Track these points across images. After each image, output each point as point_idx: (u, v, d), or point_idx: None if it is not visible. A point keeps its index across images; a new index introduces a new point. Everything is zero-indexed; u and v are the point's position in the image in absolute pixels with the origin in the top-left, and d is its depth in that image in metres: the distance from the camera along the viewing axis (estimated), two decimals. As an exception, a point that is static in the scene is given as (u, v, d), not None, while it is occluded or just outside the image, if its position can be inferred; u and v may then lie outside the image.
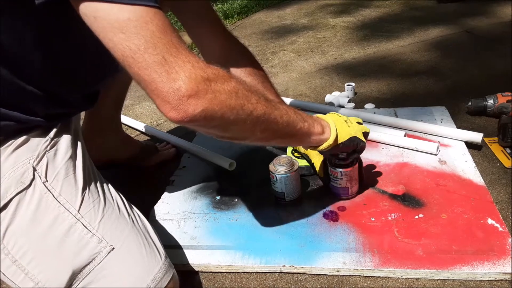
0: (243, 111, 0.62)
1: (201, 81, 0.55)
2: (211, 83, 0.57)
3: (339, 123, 0.82)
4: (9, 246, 0.65)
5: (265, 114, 0.65)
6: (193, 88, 0.55)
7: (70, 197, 0.69)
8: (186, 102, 0.55)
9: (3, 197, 0.66)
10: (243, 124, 0.64)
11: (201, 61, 0.57)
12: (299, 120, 0.73)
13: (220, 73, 0.59)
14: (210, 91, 0.57)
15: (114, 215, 0.72)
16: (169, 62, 0.54)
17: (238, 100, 0.61)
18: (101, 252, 0.66)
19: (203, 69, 0.56)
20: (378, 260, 0.78)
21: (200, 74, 0.56)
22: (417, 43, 1.86)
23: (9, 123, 0.69)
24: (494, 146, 1.07)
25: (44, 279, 0.65)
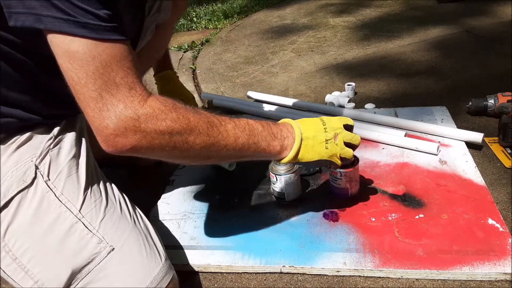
0: (178, 149, 0.64)
1: (129, 122, 0.58)
2: (141, 124, 0.59)
3: (309, 143, 0.75)
4: (10, 244, 0.66)
5: (206, 146, 0.66)
6: (120, 128, 0.58)
7: (72, 197, 0.69)
8: (114, 139, 0.59)
9: (5, 195, 0.66)
10: (182, 157, 0.67)
11: (137, 99, 0.59)
12: (252, 143, 0.71)
13: (155, 113, 0.60)
14: (138, 131, 0.59)
15: (115, 215, 0.72)
16: (104, 100, 0.57)
17: (171, 138, 0.62)
18: (101, 252, 0.66)
19: (135, 110, 0.58)
20: (379, 260, 0.78)
21: (130, 116, 0.58)
22: (418, 43, 1.86)
23: (11, 120, 0.69)
24: (495, 146, 1.07)
25: (44, 278, 0.65)
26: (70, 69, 0.57)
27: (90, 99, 0.57)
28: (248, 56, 2.05)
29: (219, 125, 0.67)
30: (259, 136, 0.72)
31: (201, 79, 1.88)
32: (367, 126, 1.21)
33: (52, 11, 0.55)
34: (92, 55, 0.57)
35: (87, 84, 0.57)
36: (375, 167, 1.05)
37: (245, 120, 0.72)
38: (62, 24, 0.55)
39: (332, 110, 1.33)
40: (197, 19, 2.88)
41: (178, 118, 0.62)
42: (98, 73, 0.57)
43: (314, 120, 0.78)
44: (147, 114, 0.59)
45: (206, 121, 0.66)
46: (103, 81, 0.57)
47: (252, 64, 1.94)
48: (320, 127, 0.76)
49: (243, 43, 2.26)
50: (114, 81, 0.58)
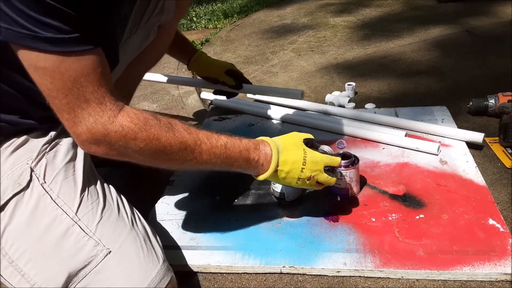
0: (148, 162, 0.68)
1: (99, 135, 0.61)
2: (111, 140, 0.62)
3: (282, 175, 0.77)
4: (6, 247, 0.65)
5: (176, 164, 0.70)
6: (92, 139, 0.61)
7: (68, 199, 0.69)
8: (87, 145, 0.63)
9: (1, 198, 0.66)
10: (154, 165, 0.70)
11: (107, 115, 0.60)
12: (225, 166, 0.74)
13: (124, 131, 0.62)
14: (108, 144, 0.62)
15: (112, 217, 0.71)
16: (76, 113, 0.60)
17: (141, 154, 0.65)
18: (98, 255, 0.66)
19: (105, 126, 0.61)
20: (379, 260, 0.78)
21: (99, 130, 0.61)
22: (418, 43, 1.86)
23: (4, 125, 0.69)
24: (495, 146, 1.07)
25: (40, 281, 0.64)
26: (41, 83, 0.58)
27: (63, 110, 0.60)
28: (248, 56, 2.05)
29: (193, 147, 0.68)
30: (234, 162, 0.73)
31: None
32: (367, 126, 1.20)
33: (11, 25, 0.53)
34: (60, 71, 0.57)
35: (58, 97, 0.58)
36: (375, 167, 1.04)
37: (224, 143, 0.72)
38: (24, 38, 0.54)
39: (332, 110, 1.32)
40: (197, 19, 2.87)
41: (148, 138, 0.64)
42: (67, 88, 0.58)
43: (297, 154, 0.77)
44: (116, 132, 0.62)
45: (179, 142, 0.67)
46: (73, 96, 0.58)
47: (252, 64, 1.94)
48: (298, 165, 0.76)
49: (243, 43, 2.26)
50: (83, 95, 0.59)
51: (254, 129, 1.32)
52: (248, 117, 1.39)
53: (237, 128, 1.33)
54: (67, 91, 0.58)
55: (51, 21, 0.54)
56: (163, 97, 1.75)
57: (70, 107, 0.59)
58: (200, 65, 1.26)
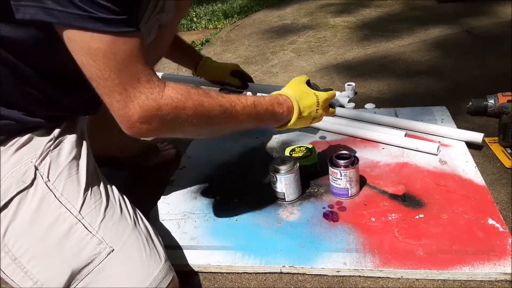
0: (194, 130, 0.71)
1: (152, 111, 0.62)
2: (163, 113, 0.63)
3: (301, 121, 0.85)
4: (9, 245, 0.66)
5: (218, 127, 0.73)
6: (144, 117, 0.62)
7: (72, 198, 0.69)
8: (138, 126, 0.63)
9: (4, 195, 0.66)
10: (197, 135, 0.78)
11: (156, 90, 0.62)
12: (255, 123, 0.78)
13: (174, 103, 0.64)
14: (160, 119, 0.63)
15: (115, 216, 0.72)
16: (128, 92, 0.60)
17: (189, 123, 0.67)
18: (101, 253, 0.67)
19: (156, 101, 0.62)
20: (379, 260, 0.78)
21: (151, 105, 0.62)
22: (418, 43, 1.86)
23: (10, 123, 0.69)
24: (495, 146, 1.07)
25: (43, 279, 0.65)
26: (92, 65, 0.58)
27: (115, 92, 0.60)
28: (248, 56, 2.05)
29: (230, 108, 0.72)
30: (263, 118, 0.78)
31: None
32: (367, 126, 1.21)
33: (65, 6, 0.55)
34: (113, 51, 0.58)
35: (110, 79, 0.59)
36: (375, 167, 1.05)
37: (252, 101, 0.76)
38: (78, 19, 0.55)
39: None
40: (197, 19, 2.88)
41: (194, 105, 0.66)
42: (119, 68, 0.59)
43: (311, 99, 0.85)
44: (167, 104, 0.63)
45: (218, 105, 0.70)
46: (125, 75, 0.60)
47: (252, 64, 1.94)
48: (314, 108, 0.86)
49: (243, 43, 2.26)
50: (134, 74, 0.60)
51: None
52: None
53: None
54: (119, 71, 0.59)
55: (104, 2, 0.56)
56: (163, 97, 1.75)
57: (122, 87, 0.60)
58: (206, 70, 1.32)
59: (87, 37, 0.57)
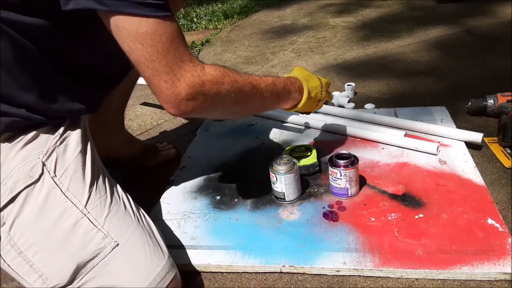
0: (231, 107, 0.76)
1: (198, 88, 0.66)
2: (207, 88, 0.67)
3: (310, 102, 0.92)
4: (15, 238, 0.67)
5: (249, 103, 0.79)
6: (191, 93, 0.66)
7: (77, 192, 0.71)
8: (185, 103, 0.66)
9: (12, 190, 0.67)
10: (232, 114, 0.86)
11: (198, 68, 0.67)
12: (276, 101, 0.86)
13: (215, 79, 0.69)
14: (205, 94, 0.68)
15: (120, 212, 0.73)
16: (175, 72, 0.64)
17: (227, 97, 0.72)
18: (106, 247, 0.68)
19: (199, 77, 0.66)
20: (378, 260, 0.78)
21: (196, 82, 0.66)
22: (417, 43, 1.86)
23: (18, 120, 0.70)
24: (494, 146, 1.07)
25: (48, 272, 0.66)
26: (141, 49, 0.62)
27: (163, 72, 0.64)
28: (248, 57, 2.05)
29: (257, 86, 0.78)
30: (281, 96, 0.86)
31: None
32: (367, 126, 1.21)
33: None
34: (159, 33, 0.62)
35: (158, 60, 0.63)
36: (374, 167, 1.05)
37: (271, 80, 0.83)
38: (127, 6, 0.59)
39: (332, 110, 1.33)
40: (197, 20, 2.88)
41: (231, 81, 0.72)
42: (166, 49, 0.63)
43: (316, 81, 0.94)
44: (210, 81, 0.68)
45: (248, 82, 0.76)
46: (171, 55, 0.64)
47: (252, 65, 1.94)
48: (319, 89, 0.95)
49: (243, 43, 2.26)
50: (178, 55, 0.65)
51: (254, 128, 1.32)
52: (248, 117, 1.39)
53: (237, 128, 1.33)
54: (166, 52, 0.63)
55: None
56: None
57: (169, 68, 0.63)
58: None
59: (135, 22, 0.60)
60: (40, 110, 0.72)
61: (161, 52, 0.63)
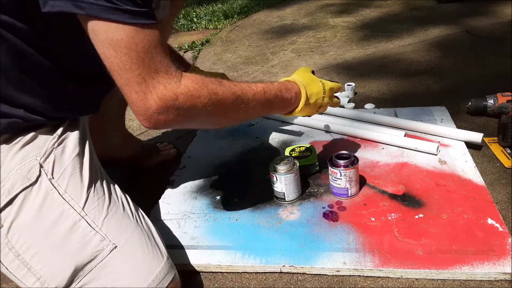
0: (209, 119, 0.71)
1: (170, 101, 0.63)
2: (180, 103, 0.64)
3: (308, 108, 0.86)
4: (13, 241, 0.66)
5: (230, 116, 0.74)
6: (162, 107, 0.62)
7: (75, 195, 0.70)
8: (156, 117, 0.63)
9: (9, 192, 0.67)
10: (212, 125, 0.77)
11: (174, 81, 0.63)
12: (265, 110, 0.80)
13: (190, 92, 0.65)
14: (177, 108, 0.64)
15: (118, 213, 0.73)
16: (147, 83, 0.61)
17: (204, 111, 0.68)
18: (104, 249, 0.67)
19: (173, 90, 0.63)
20: (378, 260, 0.78)
21: (169, 95, 0.63)
22: (417, 43, 1.86)
23: (17, 121, 0.70)
24: (494, 146, 1.07)
25: (46, 275, 0.65)
26: (115, 56, 0.60)
27: (134, 82, 0.61)
28: (248, 57, 2.05)
29: (242, 95, 0.73)
30: (272, 104, 0.80)
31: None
32: (367, 126, 1.21)
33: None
34: (135, 42, 0.60)
35: (131, 69, 0.60)
36: (374, 167, 1.05)
37: (261, 88, 0.77)
38: (104, 11, 0.57)
39: (332, 110, 1.33)
40: (197, 19, 2.88)
41: (209, 94, 0.67)
42: (140, 59, 0.60)
43: (318, 86, 0.87)
44: (184, 94, 0.64)
45: (231, 93, 0.71)
46: (145, 66, 0.61)
47: (252, 64, 1.94)
48: (320, 95, 0.87)
49: (243, 43, 2.26)
50: (153, 65, 0.62)
51: (254, 129, 1.32)
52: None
53: (237, 128, 1.33)
54: (140, 62, 0.60)
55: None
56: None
57: (142, 78, 0.61)
58: None
59: (111, 28, 0.59)
60: (39, 110, 0.72)
61: (135, 61, 0.60)
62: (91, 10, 0.57)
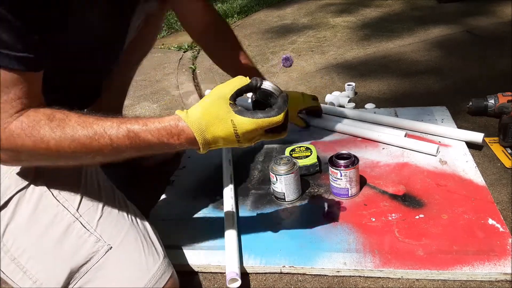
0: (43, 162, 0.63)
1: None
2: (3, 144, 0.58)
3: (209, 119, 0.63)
4: (8, 244, 0.66)
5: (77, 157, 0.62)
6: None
7: (69, 196, 0.70)
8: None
9: (4, 194, 0.67)
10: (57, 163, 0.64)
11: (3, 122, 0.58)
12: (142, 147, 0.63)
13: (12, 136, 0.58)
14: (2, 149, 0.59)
15: (113, 214, 0.72)
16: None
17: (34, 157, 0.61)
18: (99, 251, 0.67)
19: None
20: (379, 260, 0.78)
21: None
22: (418, 43, 1.86)
23: None
24: (495, 146, 1.07)
25: (42, 278, 0.65)
26: None
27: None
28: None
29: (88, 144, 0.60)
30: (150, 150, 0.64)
31: (201, 79, 1.88)
32: (367, 126, 1.21)
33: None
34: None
35: None
36: (375, 167, 1.04)
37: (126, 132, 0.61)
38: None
39: (332, 110, 1.32)
40: (197, 19, 2.87)
41: (35, 142, 0.59)
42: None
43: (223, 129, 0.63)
44: (6, 139, 0.58)
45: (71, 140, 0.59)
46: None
47: (252, 64, 1.94)
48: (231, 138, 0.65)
49: (243, 43, 2.25)
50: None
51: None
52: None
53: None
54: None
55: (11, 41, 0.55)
56: (163, 97, 1.75)
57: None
58: None
59: None
60: None
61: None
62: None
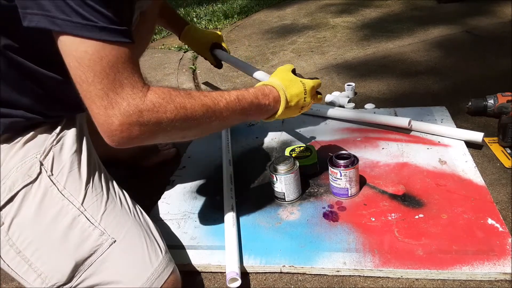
0: (177, 134, 0.68)
1: (133, 118, 0.60)
2: (144, 119, 0.61)
3: (289, 111, 0.83)
4: (14, 238, 0.67)
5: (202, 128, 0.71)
6: (124, 123, 0.60)
7: (74, 191, 0.71)
8: (119, 134, 0.61)
9: (10, 189, 0.68)
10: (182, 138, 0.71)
11: (138, 96, 0.61)
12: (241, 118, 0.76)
13: (155, 107, 0.62)
14: (141, 125, 0.62)
15: (116, 209, 0.74)
16: (110, 98, 0.59)
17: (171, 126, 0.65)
18: (103, 244, 0.68)
19: (137, 106, 0.61)
20: (378, 260, 0.78)
21: (132, 111, 0.60)
22: (417, 43, 1.86)
23: (19, 120, 0.71)
24: (494, 146, 1.07)
25: (47, 271, 0.66)
26: (78, 68, 0.59)
27: (96, 97, 0.59)
28: (248, 56, 2.05)
29: (213, 107, 0.70)
30: (249, 112, 0.76)
31: (201, 79, 1.88)
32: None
33: (68, 14, 0.56)
34: (100, 56, 0.58)
35: (94, 83, 0.59)
36: (375, 167, 1.05)
37: (235, 96, 0.74)
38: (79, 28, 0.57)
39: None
40: (197, 20, 2.88)
41: (176, 108, 0.65)
42: (104, 73, 0.59)
43: (298, 87, 0.83)
44: (149, 110, 0.62)
45: (201, 105, 0.68)
46: (109, 80, 0.59)
47: (252, 65, 1.94)
48: (301, 96, 0.83)
49: (243, 43, 2.26)
50: (119, 80, 0.60)
51: (254, 128, 1.32)
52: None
53: (237, 128, 1.33)
54: (104, 76, 0.59)
55: (105, 11, 0.57)
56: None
57: (104, 93, 0.59)
58: (188, 38, 1.38)
59: (77, 41, 0.58)
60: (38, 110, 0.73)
61: (98, 75, 0.58)
62: (66, 28, 0.57)
